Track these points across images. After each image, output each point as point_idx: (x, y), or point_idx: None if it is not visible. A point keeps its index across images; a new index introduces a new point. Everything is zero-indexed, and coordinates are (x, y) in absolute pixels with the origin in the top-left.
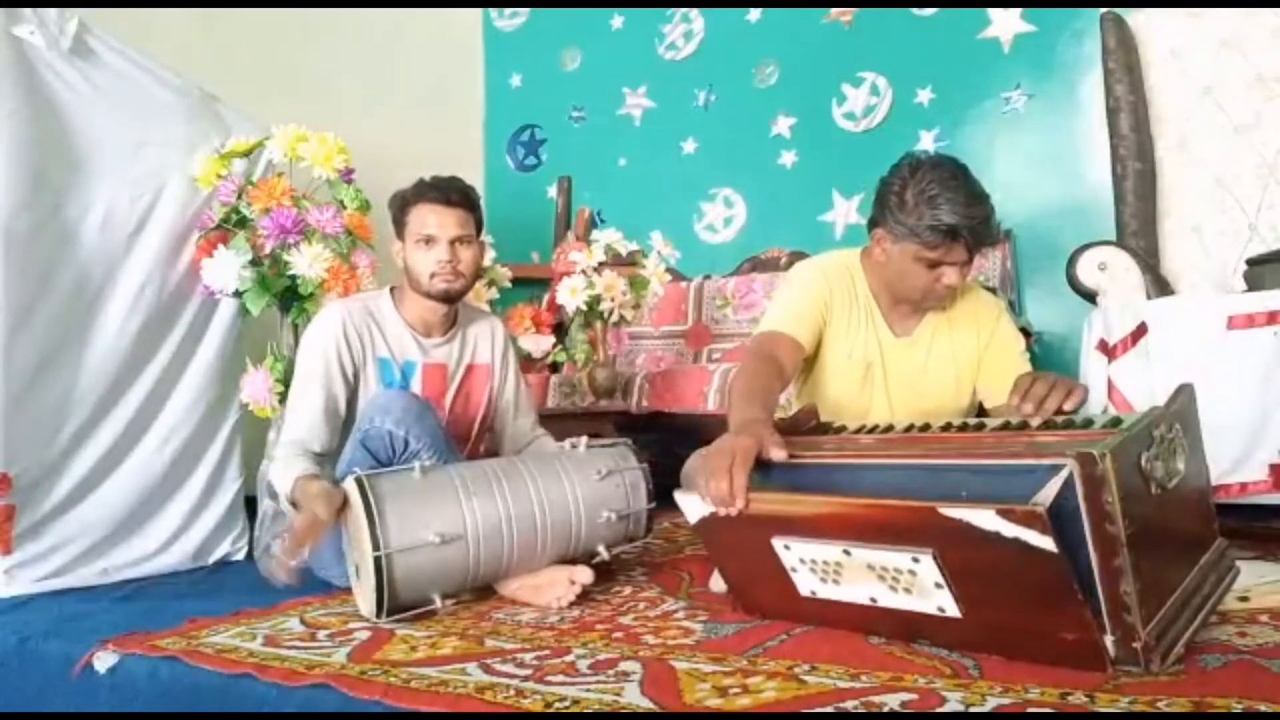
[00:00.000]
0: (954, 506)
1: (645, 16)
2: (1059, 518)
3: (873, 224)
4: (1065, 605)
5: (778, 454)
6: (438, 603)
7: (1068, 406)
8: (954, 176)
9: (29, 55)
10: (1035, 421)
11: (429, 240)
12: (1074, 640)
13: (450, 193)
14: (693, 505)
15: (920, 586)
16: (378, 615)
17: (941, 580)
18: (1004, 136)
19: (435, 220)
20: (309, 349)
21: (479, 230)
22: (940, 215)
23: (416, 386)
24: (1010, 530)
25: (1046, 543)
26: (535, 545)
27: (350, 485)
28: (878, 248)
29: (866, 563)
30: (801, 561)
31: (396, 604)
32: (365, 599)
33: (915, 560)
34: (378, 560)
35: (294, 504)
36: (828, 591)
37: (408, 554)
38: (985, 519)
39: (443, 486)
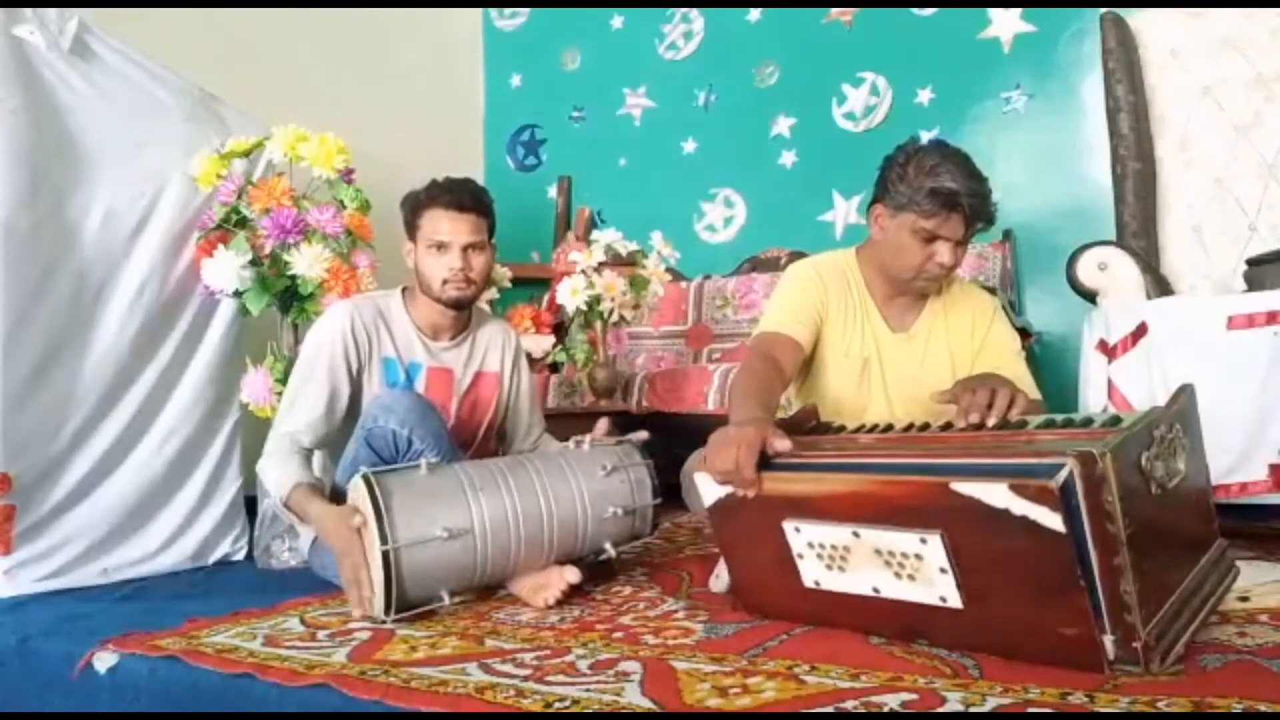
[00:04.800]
0: (967, 481)
1: (645, 16)
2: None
3: (872, 203)
4: (1067, 595)
5: (781, 444)
6: (445, 599)
7: (1012, 416)
8: (957, 154)
9: (29, 55)
10: (1034, 421)
11: (441, 246)
12: (1073, 636)
13: (464, 198)
14: (709, 487)
15: (925, 573)
16: (385, 612)
17: (946, 565)
18: (1004, 136)
19: (448, 226)
20: (315, 343)
21: (492, 234)
22: (941, 181)
23: (420, 389)
24: (1020, 507)
25: (1055, 521)
26: (542, 541)
27: (357, 483)
28: (875, 225)
29: (874, 546)
30: (809, 546)
31: (404, 600)
32: (374, 600)
33: (923, 541)
34: (385, 555)
35: (287, 506)
36: (832, 581)
37: (415, 549)
38: (997, 494)
39: (449, 483)
